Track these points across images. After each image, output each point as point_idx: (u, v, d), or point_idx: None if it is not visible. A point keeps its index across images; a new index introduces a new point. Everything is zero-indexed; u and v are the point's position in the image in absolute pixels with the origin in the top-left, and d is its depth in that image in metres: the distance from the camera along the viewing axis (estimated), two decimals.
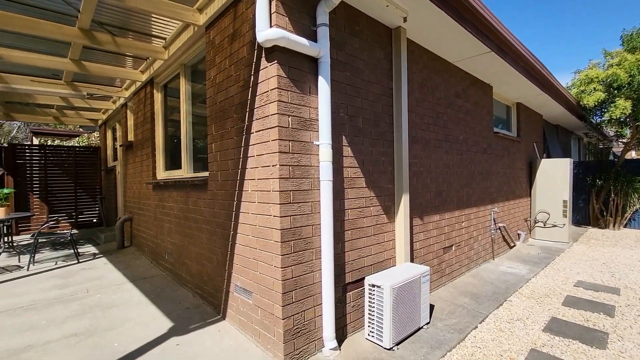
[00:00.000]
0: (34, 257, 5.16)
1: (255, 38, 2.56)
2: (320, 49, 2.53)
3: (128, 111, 6.26)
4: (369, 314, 2.78)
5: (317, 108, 2.61)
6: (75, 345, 2.69)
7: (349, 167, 2.89)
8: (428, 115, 3.85)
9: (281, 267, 2.37)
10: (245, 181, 2.77)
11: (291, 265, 2.43)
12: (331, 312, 2.57)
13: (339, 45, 2.82)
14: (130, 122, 6.17)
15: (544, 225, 6.80)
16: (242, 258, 2.83)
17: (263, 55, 2.49)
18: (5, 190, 5.08)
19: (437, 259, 3.97)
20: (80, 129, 11.39)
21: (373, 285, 2.74)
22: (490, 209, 5.24)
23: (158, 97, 5.03)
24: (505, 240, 5.80)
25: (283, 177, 2.39)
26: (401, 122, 3.30)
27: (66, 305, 3.50)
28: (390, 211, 3.30)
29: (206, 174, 3.50)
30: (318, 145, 2.60)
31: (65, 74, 5.02)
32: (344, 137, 2.85)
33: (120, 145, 6.74)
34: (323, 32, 2.56)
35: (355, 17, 2.97)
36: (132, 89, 5.71)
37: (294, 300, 2.44)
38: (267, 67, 2.46)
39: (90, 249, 6.11)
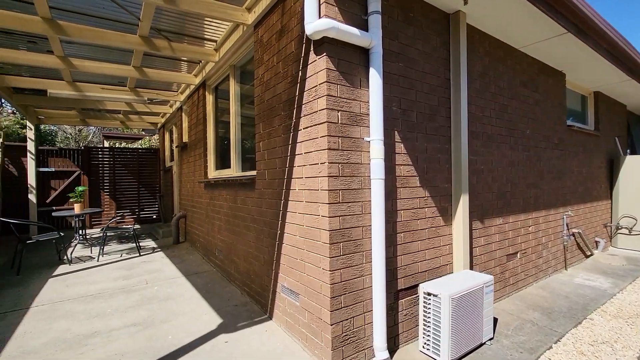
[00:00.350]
0: (103, 249, 5.67)
1: (303, 32, 2.48)
2: (372, 38, 2.37)
3: (183, 114, 6.62)
4: (424, 324, 2.55)
5: (367, 102, 2.45)
6: (134, 335, 2.83)
7: (401, 164, 2.68)
8: (490, 108, 3.48)
9: (330, 270, 2.25)
10: (292, 180, 2.70)
11: (340, 269, 2.30)
12: (382, 320, 2.39)
13: (392, 35, 2.63)
14: (185, 124, 6.51)
15: (629, 232, 5.88)
16: (289, 258, 2.77)
17: (312, 48, 2.40)
18: (80, 188, 5.65)
19: (499, 266, 3.58)
20: (143, 132, 12.43)
21: (429, 294, 2.51)
22: (563, 213, 4.63)
23: (209, 99, 5.22)
24: (580, 248, 5.10)
25: (332, 175, 2.27)
26: (460, 116, 3.01)
27: (128, 295, 3.74)
28: (447, 213, 3.02)
29: (254, 172, 3.51)
30: (369, 141, 2.44)
31: (129, 80, 5.43)
32: (396, 133, 2.65)
33: (176, 147, 7.16)
34: (375, 21, 2.39)
35: (410, 2, 2.75)
36: (187, 92, 6.01)
37: (342, 306, 2.31)
38: (315, 60, 2.35)
39: (150, 243, 6.58)
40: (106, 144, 12.03)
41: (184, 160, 6.59)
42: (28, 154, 7.18)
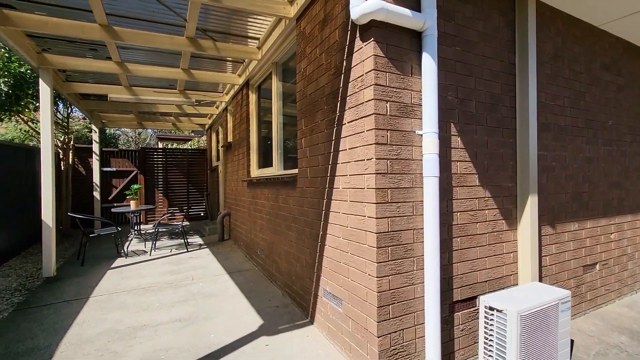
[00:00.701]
0: (155, 244, 5.99)
1: (348, 18, 2.30)
2: (425, 20, 2.12)
3: (228, 114, 6.78)
4: (485, 344, 2.24)
5: (420, 91, 2.20)
6: (179, 330, 2.86)
7: (458, 160, 2.39)
8: (563, 95, 3.02)
9: (376, 277, 2.05)
10: (336, 177, 2.54)
11: (388, 275, 2.08)
12: (436, 335, 2.13)
13: (448, 15, 2.35)
14: (230, 124, 6.66)
15: None
16: (332, 261, 2.61)
17: (357, 35, 2.21)
18: (135, 186, 6.03)
19: (574, 279, 3.09)
20: (192, 134, 13.12)
21: (491, 309, 2.19)
22: None
23: (253, 98, 5.25)
24: None
25: (380, 172, 2.06)
26: (527, 105, 2.62)
27: (175, 290, 3.84)
28: (510, 216, 2.65)
29: (295, 171, 3.41)
30: (421, 135, 2.19)
31: (178, 83, 5.66)
32: (452, 125, 2.37)
33: (221, 146, 7.38)
34: (429, 0, 2.14)
35: None
36: (231, 93, 6.14)
37: (390, 317, 2.09)
38: (361, 47, 2.16)
39: (197, 239, 6.84)
40: (160, 145, 12.89)
41: (228, 159, 6.75)
42: (93, 155, 7.88)
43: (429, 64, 2.15)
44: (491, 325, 2.19)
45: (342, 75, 2.41)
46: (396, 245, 2.11)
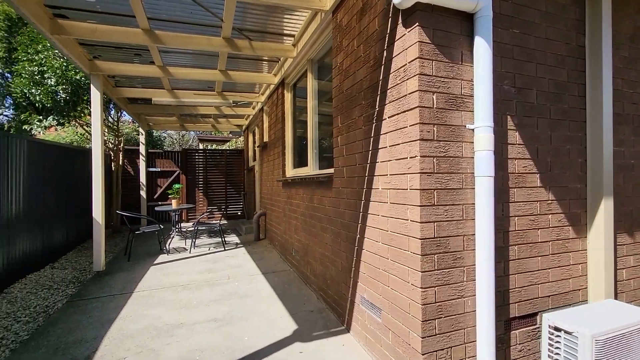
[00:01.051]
0: (194, 242, 6.17)
1: (389, 4, 2.12)
2: (478, 0, 1.88)
3: (264, 115, 6.83)
4: None
5: (471, 81, 1.97)
6: (214, 331, 2.85)
7: (516, 158, 2.11)
8: None
9: (421, 287, 1.84)
10: (374, 177, 2.36)
11: (434, 286, 1.87)
12: (490, 355, 1.88)
13: None
14: (265, 124, 6.70)
15: None
16: (370, 267, 2.43)
17: (399, 21, 2.02)
18: (177, 186, 6.27)
19: None
20: (230, 135, 13.53)
21: (557, 329, 1.89)
22: None
23: (288, 97, 5.20)
24: None
25: (425, 171, 1.86)
26: (600, 94, 2.26)
27: (212, 288, 3.88)
28: (579, 222, 2.30)
29: (331, 170, 3.28)
30: (472, 129, 1.95)
31: (216, 84, 5.78)
32: (509, 118, 2.09)
33: (257, 146, 7.46)
34: None
35: None
36: (267, 93, 6.16)
37: (437, 332, 1.88)
38: (404, 34, 1.97)
39: (234, 238, 6.96)
40: (200, 146, 13.44)
41: (264, 159, 6.79)
42: (140, 156, 8.36)
43: (482, 49, 1.90)
44: (557, 348, 1.89)
45: (382, 67, 2.23)
46: (443, 252, 1.90)
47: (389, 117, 2.16)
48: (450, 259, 1.91)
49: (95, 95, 4.44)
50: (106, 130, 7.60)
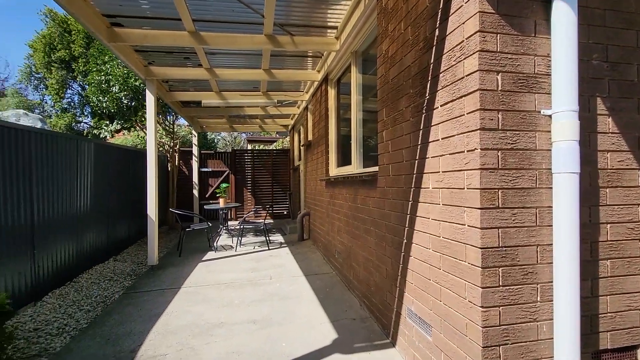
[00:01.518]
0: (240, 240, 6.29)
1: None
2: None
3: (308, 113, 6.75)
4: None
5: (547, 56, 1.60)
6: (253, 333, 2.77)
7: (609, 150, 1.68)
8: None
9: (481, 307, 1.54)
10: (423, 175, 2.08)
11: (499, 306, 1.55)
12: None
13: None
14: (310, 123, 6.61)
15: None
16: (419, 277, 2.15)
17: None
18: (224, 185, 6.46)
19: None
20: (277, 135, 13.81)
21: None
22: None
23: (331, 93, 5.04)
24: None
25: (486, 167, 1.55)
26: None
27: (254, 288, 3.85)
28: None
29: (375, 168, 3.03)
30: (549, 115, 1.59)
31: (261, 84, 5.82)
32: (599, 101, 1.68)
33: (301, 145, 7.41)
34: None
35: None
36: (311, 90, 6.06)
37: None
38: (461, 6, 1.67)
39: (278, 237, 6.99)
40: (249, 147, 13.92)
41: (308, 158, 6.71)
42: (193, 157, 8.84)
43: (563, 16, 1.53)
44: None
45: (433, 49, 1.94)
46: (510, 265, 1.57)
47: (441, 106, 1.87)
48: (520, 273, 1.57)
49: (150, 99, 4.70)
50: (164, 133, 8.15)
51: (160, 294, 3.72)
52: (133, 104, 6.52)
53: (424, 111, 2.08)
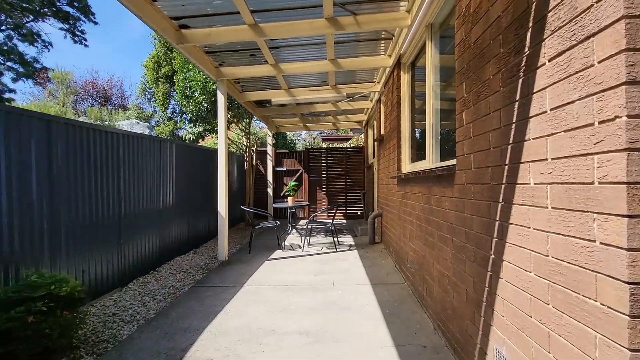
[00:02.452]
0: (309, 240, 6.13)
1: None
2: None
3: (381, 105, 6.21)
4: None
5: None
6: (302, 347, 2.47)
7: None
8: None
9: None
10: (520, 166, 1.46)
11: None
12: None
13: None
14: (382, 116, 6.07)
15: None
16: (513, 310, 1.52)
17: None
18: (292, 183, 6.39)
19: None
20: (351, 132, 13.45)
21: None
22: None
23: (404, 79, 4.44)
24: None
25: (637, 147, 0.91)
26: None
27: (314, 294, 3.57)
28: None
29: (452, 161, 2.42)
30: None
31: (329, 77, 5.53)
32: None
33: (374, 141, 6.89)
34: None
35: None
36: (382, 80, 5.52)
37: None
38: None
39: (348, 239, 6.61)
40: (324, 146, 13.91)
41: (380, 154, 6.17)
42: (268, 156, 9.11)
43: None
44: None
45: None
46: None
47: (549, 60, 1.25)
48: None
49: (221, 100, 4.84)
50: (241, 134, 8.58)
51: (223, 291, 3.73)
52: (213, 107, 6.95)
53: (520, 74, 1.45)
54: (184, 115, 13.77)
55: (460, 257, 2.18)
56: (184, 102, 7.11)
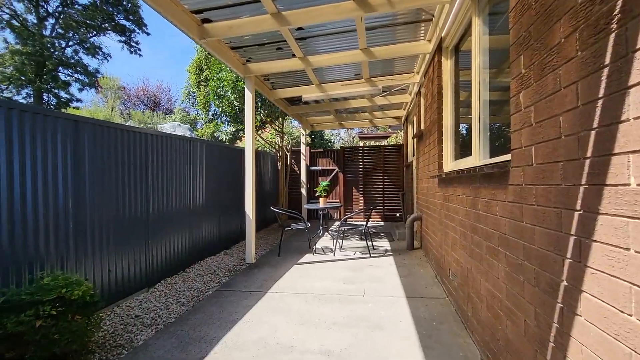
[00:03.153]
0: (341, 244, 5.79)
1: None
2: None
3: (420, 98, 5.68)
4: None
5: None
6: None
7: None
8: None
9: None
10: (612, 159, 1.01)
11: None
12: None
13: None
14: (422, 109, 5.54)
15: None
16: None
17: None
18: (323, 183, 6.08)
19: None
20: (390, 130, 12.80)
21: None
22: None
23: (447, 65, 3.92)
24: None
25: None
26: None
27: (341, 305, 3.23)
28: None
29: (506, 156, 1.95)
30: None
31: (362, 69, 5.15)
32: None
33: (412, 137, 6.36)
34: None
35: None
36: (422, 69, 5.01)
37: None
38: None
39: (384, 243, 6.15)
40: (361, 144, 13.43)
41: (420, 151, 5.64)
42: (301, 155, 8.90)
43: None
44: None
45: None
46: None
47: None
48: None
49: (248, 97, 4.69)
50: (276, 134, 8.48)
51: (246, 296, 3.54)
52: (242, 106, 6.89)
53: (612, 26, 1.00)
54: (223, 117, 14.17)
55: (516, 277, 1.71)
56: (217, 102, 7.16)
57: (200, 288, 3.91)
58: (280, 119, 7.95)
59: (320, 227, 6.68)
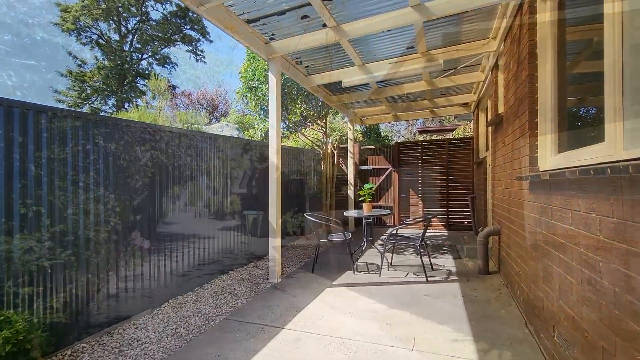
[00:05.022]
0: (390, 260, 4.69)
1: None
2: None
3: (499, 73, 4.28)
4: None
5: None
6: None
7: None
8: None
9: None
10: None
11: None
12: None
13: None
14: (501, 87, 4.15)
15: None
16: None
17: None
18: (367, 186, 4.99)
19: None
20: (456, 121, 11.00)
21: None
22: None
23: (544, 14, 2.62)
24: None
25: None
26: None
27: None
28: None
29: None
30: None
31: (416, 38, 3.99)
32: None
33: (486, 125, 4.93)
34: None
35: None
36: (501, 31, 3.67)
37: None
38: None
39: (447, 262, 4.82)
40: (420, 139, 11.86)
41: (498, 143, 4.25)
42: (349, 153, 7.86)
43: None
44: None
45: None
46: None
47: None
48: None
49: (272, 82, 3.92)
50: (319, 129, 7.62)
51: (255, 333, 2.73)
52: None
53: None
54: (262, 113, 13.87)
55: None
56: (249, 95, 6.58)
57: (208, 314, 3.23)
58: (324, 112, 7.06)
59: (365, 240, 5.59)
